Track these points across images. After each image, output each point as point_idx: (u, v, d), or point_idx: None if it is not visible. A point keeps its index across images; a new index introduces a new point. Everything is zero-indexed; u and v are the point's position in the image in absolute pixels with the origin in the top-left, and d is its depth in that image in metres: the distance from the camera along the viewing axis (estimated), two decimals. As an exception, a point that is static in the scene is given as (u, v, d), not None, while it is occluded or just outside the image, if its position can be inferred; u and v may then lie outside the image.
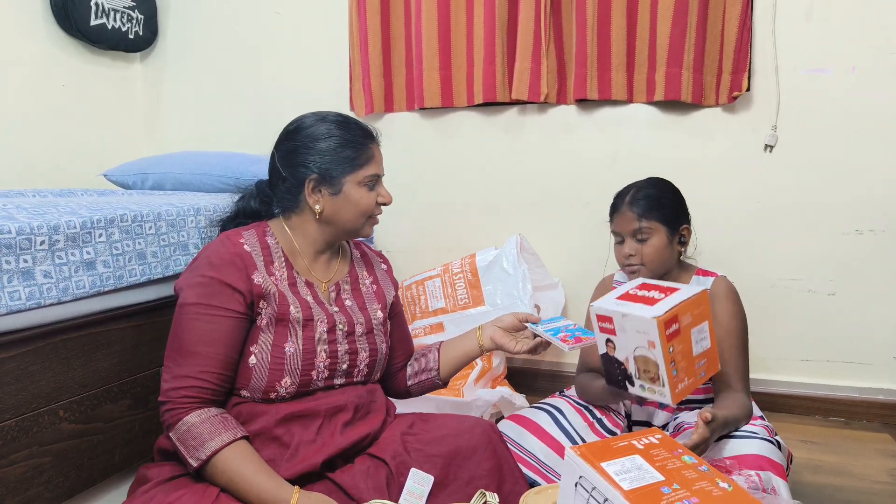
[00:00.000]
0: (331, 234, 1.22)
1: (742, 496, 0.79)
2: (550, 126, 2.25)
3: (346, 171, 1.17)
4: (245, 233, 1.17)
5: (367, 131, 1.24)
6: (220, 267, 1.09)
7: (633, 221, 1.43)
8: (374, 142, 1.24)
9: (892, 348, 2.01)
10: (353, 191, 1.18)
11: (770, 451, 1.23)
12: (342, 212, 1.19)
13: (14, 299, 1.10)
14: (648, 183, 1.49)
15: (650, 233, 1.42)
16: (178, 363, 1.06)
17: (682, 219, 1.47)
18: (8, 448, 1.10)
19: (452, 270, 2.16)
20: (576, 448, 0.87)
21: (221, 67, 2.65)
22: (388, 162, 1.31)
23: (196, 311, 1.07)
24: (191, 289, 1.08)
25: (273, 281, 1.14)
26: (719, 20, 1.99)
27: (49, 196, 1.81)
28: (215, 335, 1.06)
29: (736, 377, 1.37)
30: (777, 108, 2.02)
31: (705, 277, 1.47)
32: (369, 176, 1.20)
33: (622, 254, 1.46)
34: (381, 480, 1.07)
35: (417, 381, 1.36)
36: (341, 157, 1.17)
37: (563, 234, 2.27)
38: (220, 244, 1.13)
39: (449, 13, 2.22)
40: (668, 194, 1.47)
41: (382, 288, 1.34)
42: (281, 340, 1.11)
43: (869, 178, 1.96)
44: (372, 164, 1.21)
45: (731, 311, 1.41)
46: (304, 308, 1.15)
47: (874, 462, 1.72)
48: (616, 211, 1.49)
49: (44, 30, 2.33)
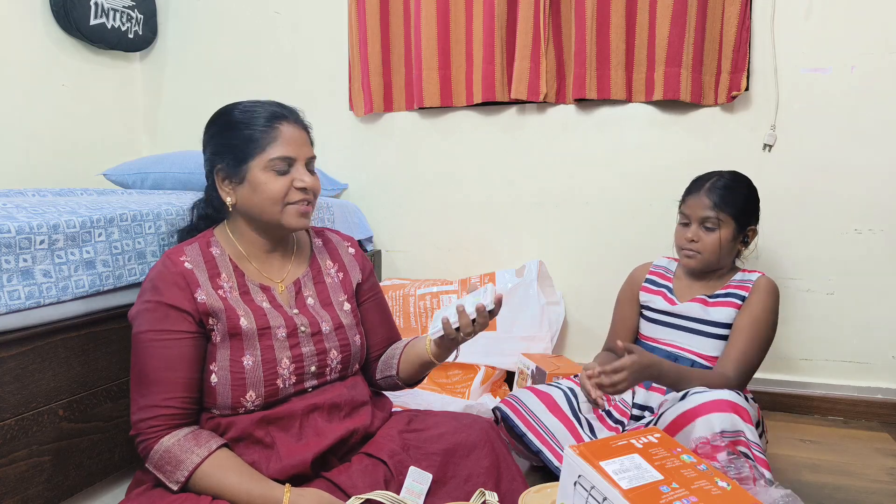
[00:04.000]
0: (263, 230, 1.17)
1: (741, 495, 0.79)
2: (549, 126, 2.25)
3: (247, 157, 1.11)
4: (187, 248, 1.14)
5: (273, 112, 1.14)
6: (164, 290, 1.06)
7: (706, 208, 1.44)
8: (284, 121, 1.14)
9: (891, 348, 2.01)
10: (258, 176, 1.10)
11: (731, 397, 1.23)
12: (252, 201, 1.12)
13: (14, 298, 1.10)
14: (731, 176, 1.50)
15: (719, 224, 1.44)
16: (141, 393, 1.04)
17: (752, 220, 1.49)
18: (8, 447, 1.10)
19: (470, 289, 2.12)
20: (574, 447, 0.88)
21: (221, 67, 2.65)
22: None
23: (149, 338, 1.05)
24: (140, 316, 1.07)
25: (220, 295, 1.10)
26: (718, 19, 1.99)
27: (49, 195, 1.81)
28: (172, 360, 1.04)
29: (735, 357, 1.40)
30: (776, 108, 2.02)
31: (751, 273, 1.51)
32: (274, 159, 1.10)
33: (684, 236, 1.48)
34: (379, 478, 1.07)
35: (383, 377, 1.32)
36: (241, 141, 1.11)
37: (562, 233, 2.27)
38: (161, 266, 1.10)
39: (448, 13, 2.22)
40: (747, 192, 1.49)
41: (349, 274, 1.28)
42: (238, 355, 1.09)
43: (868, 178, 1.96)
44: (276, 145, 1.11)
45: (764, 306, 1.44)
46: (259, 317, 1.12)
47: (873, 461, 1.72)
48: (691, 193, 1.49)
49: (43, 29, 2.33)
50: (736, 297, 1.48)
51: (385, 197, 2.46)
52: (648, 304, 1.60)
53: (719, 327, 1.48)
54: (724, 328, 1.47)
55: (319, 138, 2.65)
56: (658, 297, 1.58)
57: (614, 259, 2.15)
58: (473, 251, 2.38)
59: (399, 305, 2.15)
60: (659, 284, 1.61)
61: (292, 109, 1.18)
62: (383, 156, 2.44)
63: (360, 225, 2.38)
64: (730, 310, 1.47)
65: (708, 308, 1.50)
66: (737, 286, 1.50)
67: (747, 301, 1.46)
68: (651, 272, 1.65)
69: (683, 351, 1.51)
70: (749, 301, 1.46)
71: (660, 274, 1.64)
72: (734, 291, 1.49)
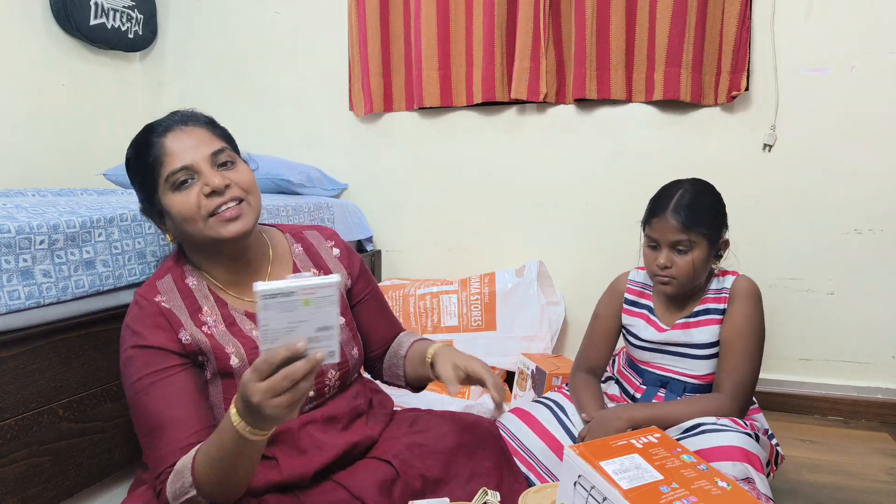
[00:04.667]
0: (210, 253, 1.06)
1: (741, 495, 0.79)
2: (549, 126, 2.25)
3: (152, 188, 1.00)
4: (160, 283, 1.05)
5: (149, 131, 1.02)
6: (146, 334, 0.99)
7: (675, 231, 1.30)
8: (167, 132, 1.01)
9: (891, 348, 2.01)
10: (167, 202, 0.99)
11: (745, 442, 1.17)
12: (179, 230, 1.02)
13: (13, 298, 1.10)
14: (694, 188, 1.36)
15: (691, 245, 1.30)
16: (153, 445, 0.94)
17: (723, 230, 1.37)
18: (7, 447, 1.10)
19: (470, 290, 2.11)
20: (574, 447, 0.88)
21: (221, 67, 2.65)
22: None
23: (143, 384, 0.96)
24: (128, 366, 0.99)
25: (205, 332, 1.02)
26: (718, 19, 1.99)
27: (49, 195, 1.82)
28: (175, 397, 0.96)
29: (729, 380, 1.31)
30: (776, 108, 2.02)
31: (724, 278, 1.40)
32: (169, 176, 0.98)
33: (655, 262, 1.34)
34: (384, 476, 1.05)
35: (390, 378, 1.29)
36: (141, 175, 1.01)
37: (562, 233, 2.27)
38: (137, 309, 1.01)
39: (448, 13, 2.22)
40: (714, 203, 1.36)
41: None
42: (230, 393, 1.02)
43: (868, 178, 1.96)
44: (166, 160, 0.99)
45: (745, 314, 1.34)
46: (250, 350, 1.04)
47: (873, 461, 1.72)
48: (656, 215, 1.34)
49: (44, 29, 2.33)
50: (715, 312, 1.38)
51: (385, 197, 2.46)
52: (631, 330, 1.48)
53: (706, 347, 1.38)
54: (712, 347, 1.38)
55: (319, 138, 2.67)
56: (640, 320, 1.47)
57: (615, 259, 2.14)
58: (473, 251, 2.38)
59: (399, 305, 2.15)
60: (639, 305, 1.49)
61: (181, 114, 1.06)
62: (383, 156, 2.44)
63: (360, 225, 2.38)
64: (712, 328, 1.37)
65: (690, 331, 1.39)
66: (714, 298, 1.39)
67: (728, 313, 1.36)
68: (629, 289, 1.51)
69: (675, 374, 1.42)
70: (729, 313, 1.35)
71: (638, 292, 1.50)
72: (712, 306, 1.39)
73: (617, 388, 1.54)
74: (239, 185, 1.01)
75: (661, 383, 1.43)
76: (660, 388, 1.43)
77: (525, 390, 1.92)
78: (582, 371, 1.49)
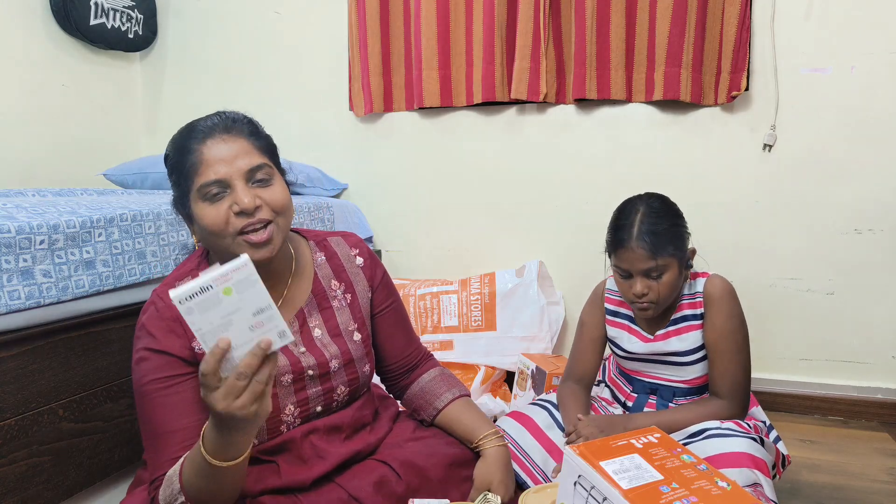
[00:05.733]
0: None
1: (741, 495, 0.79)
2: (549, 125, 2.25)
3: (186, 189, 0.98)
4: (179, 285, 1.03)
5: (191, 131, 0.99)
6: (160, 337, 0.97)
7: (644, 260, 1.27)
8: (208, 138, 0.98)
9: (890, 348, 2.01)
10: (196, 209, 0.97)
11: (751, 448, 1.17)
12: (205, 238, 1.00)
13: (14, 298, 1.10)
14: (650, 209, 1.32)
15: (663, 269, 1.28)
16: (156, 449, 0.95)
17: (688, 241, 1.34)
18: (8, 447, 1.10)
19: (470, 290, 2.11)
20: (574, 447, 0.88)
21: (221, 67, 2.65)
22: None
23: (153, 388, 0.96)
24: (139, 366, 0.98)
25: None
26: (718, 19, 1.99)
27: (49, 195, 1.81)
28: (183, 405, 0.96)
29: (723, 383, 1.31)
30: (776, 108, 2.02)
31: (695, 281, 1.39)
32: (202, 187, 0.96)
33: (632, 291, 1.31)
34: (383, 476, 1.05)
35: (405, 407, 1.28)
36: (177, 173, 0.99)
37: (562, 233, 2.27)
38: (154, 310, 1.00)
39: (448, 12, 2.22)
40: (674, 220, 1.33)
41: (357, 295, 1.16)
42: None
43: (868, 178, 1.96)
44: (201, 169, 0.96)
45: (724, 314, 1.32)
46: None
47: (873, 461, 1.72)
48: (621, 246, 1.31)
49: (43, 29, 2.33)
50: (693, 318, 1.37)
51: (385, 197, 2.46)
52: (615, 342, 1.46)
53: (690, 354, 1.37)
54: (696, 352, 1.37)
55: (319, 138, 2.66)
56: (622, 332, 1.45)
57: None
58: (473, 251, 2.38)
59: (399, 305, 2.15)
60: (620, 315, 1.47)
61: (224, 118, 1.02)
62: (383, 156, 2.44)
63: (360, 225, 2.38)
64: (693, 334, 1.36)
65: (670, 340, 1.38)
66: (689, 304, 1.37)
67: (707, 317, 1.35)
68: (608, 299, 1.49)
69: (664, 381, 1.42)
70: (709, 317, 1.34)
71: (617, 302, 1.47)
72: (688, 312, 1.37)
73: (608, 392, 1.55)
74: (270, 206, 0.98)
75: (650, 390, 1.43)
76: (650, 396, 1.43)
77: (525, 390, 1.92)
78: (571, 381, 1.47)
